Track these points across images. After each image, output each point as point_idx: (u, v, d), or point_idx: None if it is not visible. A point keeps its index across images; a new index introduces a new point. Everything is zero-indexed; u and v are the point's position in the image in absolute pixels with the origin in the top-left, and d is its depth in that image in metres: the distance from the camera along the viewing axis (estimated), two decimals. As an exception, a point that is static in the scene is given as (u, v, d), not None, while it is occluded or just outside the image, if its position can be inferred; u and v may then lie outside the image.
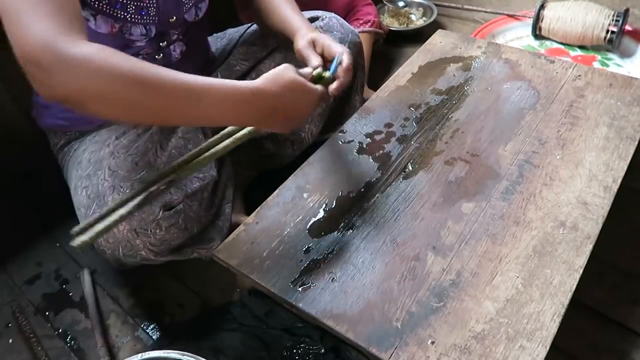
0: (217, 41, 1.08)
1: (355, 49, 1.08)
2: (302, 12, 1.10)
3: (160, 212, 0.77)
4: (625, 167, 0.83)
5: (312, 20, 1.02)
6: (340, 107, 1.12)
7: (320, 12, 1.07)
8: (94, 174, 0.81)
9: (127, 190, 0.76)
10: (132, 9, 0.77)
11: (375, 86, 1.29)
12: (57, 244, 1.11)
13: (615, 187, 0.80)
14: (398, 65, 1.50)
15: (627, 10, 1.40)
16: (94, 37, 0.75)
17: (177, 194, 0.79)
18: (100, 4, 0.74)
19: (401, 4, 1.75)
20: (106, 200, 0.76)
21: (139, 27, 0.80)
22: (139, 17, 0.79)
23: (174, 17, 0.84)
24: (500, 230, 0.75)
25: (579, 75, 1.04)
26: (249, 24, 1.09)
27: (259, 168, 1.10)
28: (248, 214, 1.04)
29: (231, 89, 0.61)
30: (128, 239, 0.76)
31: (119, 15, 0.76)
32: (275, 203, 0.84)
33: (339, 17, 1.08)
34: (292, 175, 0.88)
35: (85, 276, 1.01)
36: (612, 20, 1.39)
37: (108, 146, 0.84)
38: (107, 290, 1.02)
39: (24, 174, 1.22)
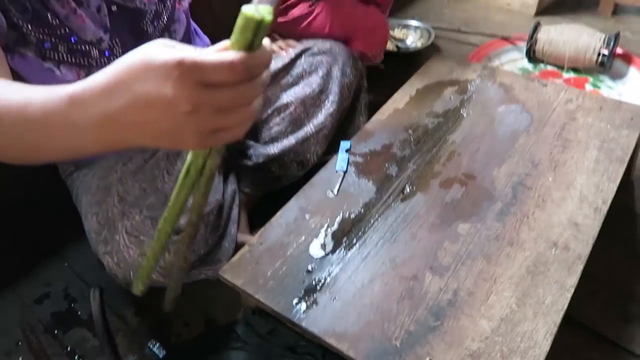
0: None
1: (357, 73, 1.13)
2: (309, 39, 1.14)
3: (170, 236, 0.80)
4: (615, 189, 0.86)
5: (314, 47, 1.07)
6: (344, 128, 1.16)
7: (320, 40, 1.12)
8: (103, 200, 0.84)
9: (137, 217, 0.79)
10: (96, 53, 0.77)
11: (374, 108, 1.33)
12: (66, 264, 1.14)
13: (605, 209, 0.83)
14: (396, 86, 1.54)
15: (617, 34, 1.44)
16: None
17: (184, 219, 0.82)
18: (60, 54, 0.75)
19: (396, 27, 1.81)
20: (116, 226, 0.79)
21: None
22: (105, 59, 0.78)
23: None
24: (495, 251, 0.78)
25: (571, 99, 1.07)
26: None
27: (263, 189, 1.13)
28: (252, 232, 1.08)
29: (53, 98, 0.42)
30: (139, 263, 0.79)
31: (82, 62, 0.76)
32: (278, 224, 0.87)
33: (340, 43, 1.12)
34: (294, 197, 0.91)
35: (94, 295, 1.03)
36: (603, 43, 1.44)
37: (116, 172, 0.87)
38: (114, 309, 1.04)
39: (33, 194, 1.25)
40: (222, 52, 0.36)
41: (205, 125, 0.37)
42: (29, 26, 0.71)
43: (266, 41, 0.37)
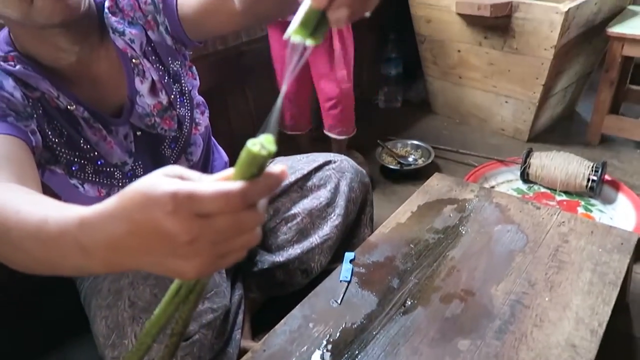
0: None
1: (364, 188, 1.21)
2: (315, 154, 1.24)
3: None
4: (610, 312, 0.89)
5: (325, 164, 1.16)
6: (349, 238, 1.21)
7: (331, 155, 1.22)
8: (113, 304, 0.85)
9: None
10: (119, 174, 0.85)
11: (378, 221, 1.40)
12: (64, 360, 1.13)
13: (601, 331, 0.85)
14: (399, 200, 1.63)
15: (604, 163, 1.55)
16: (84, 200, 0.84)
17: (193, 325, 0.84)
18: (86, 174, 0.82)
19: (393, 145, 1.96)
20: (125, 331, 0.81)
21: None
22: (127, 180, 0.85)
23: None
24: (495, 369, 0.79)
25: (563, 222, 1.14)
26: (271, 160, 1.22)
27: (268, 294, 1.16)
28: (254, 337, 1.08)
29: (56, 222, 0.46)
30: None
31: (105, 181, 0.84)
32: (282, 331, 0.89)
33: (349, 159, 1.22)
34: (299, 305, 0.94)
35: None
36: (592, 170, 1.55)
37: (127, 277, 0.88)
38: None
39: (35, 288, 1.27)
40: (220, 182, 0.37)
41: (205, 255, 0.38)
42: (62, 149, 0.80)
43: (278, 167, 0.39)
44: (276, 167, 0.39)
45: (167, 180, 0.38)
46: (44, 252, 0.47)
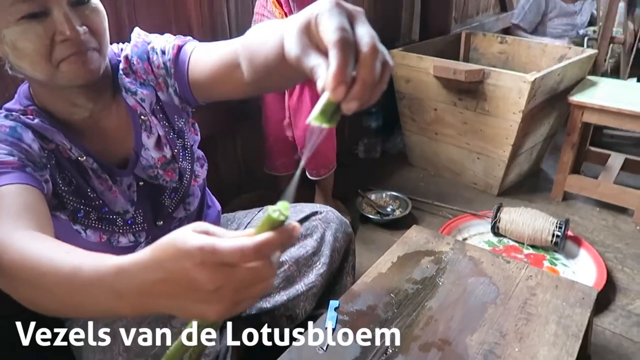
0: (228, 224, 1.27)
1: (347, 238, 1.28)
2: (302, 205, 1.31)
3: None
4: (573, 363, 0.97)
5: (311, 215, 1.23)
6: (332, 286, 1.27)
7: (317, 206, 1.29)
8: (108, 348, 0.88)
9: None
10: (121, 221, 0.90)
11: (359, 268, 1.46)
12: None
13: (565, 381, 0.93)
14: (378, 248, 1.70)
15: (567, 220, 1.68)
16: (83, 244, 0.90)
17: None
18: (90, 221, 0.87)
19: (373, 196, 2.05)
20: None
21: (127, 236, 0.91)
22: (127, 227, 0.90)
23: (162, 222, 0.96)
24: (470, 416, 0.85)
25: (531, 276, 1.23)
26: (259, 208, 1.28)
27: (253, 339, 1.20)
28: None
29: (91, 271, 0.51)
30: None
31: (106, 228, 0.89)
32: (270, 377, 0.93)
33: (334, 210, 1.29)
34: (286, 352, 0.98)
35: None
36: (556, 227, 1.66)
37: (121, 320, 0.91)
38: None
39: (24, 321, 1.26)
40: (238, 238, 0.44)
41: (226, 300, 0.45)
42: (70, 196, 0.85)
43: (291, 224, 0.45)
44: (289, 223, 0.46)
45: (195, 235, 0.45)
46: (76, 297, 0.53)
